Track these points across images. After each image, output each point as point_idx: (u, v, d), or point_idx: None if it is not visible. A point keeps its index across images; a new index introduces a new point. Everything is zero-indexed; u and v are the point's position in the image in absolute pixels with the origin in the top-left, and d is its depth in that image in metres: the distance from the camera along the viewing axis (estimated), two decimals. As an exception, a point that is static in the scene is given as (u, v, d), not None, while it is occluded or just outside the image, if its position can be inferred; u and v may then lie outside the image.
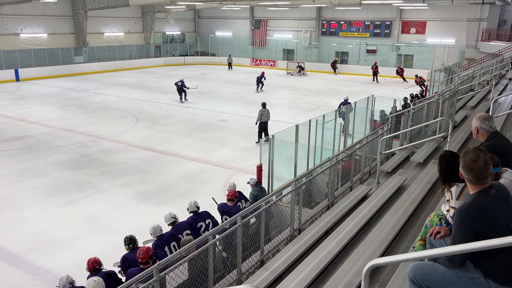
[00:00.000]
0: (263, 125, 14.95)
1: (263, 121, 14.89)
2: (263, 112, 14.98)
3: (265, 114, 15.04)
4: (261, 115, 14.92)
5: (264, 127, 15.00)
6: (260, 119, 14.88)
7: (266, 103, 15.38)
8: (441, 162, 3.21)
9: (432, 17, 32.91)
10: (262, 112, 14.96)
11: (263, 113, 14.94)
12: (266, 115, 15.07)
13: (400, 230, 4.95)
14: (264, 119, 14.96)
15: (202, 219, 6.47)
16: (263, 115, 14.94)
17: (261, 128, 14.92)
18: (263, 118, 14.91)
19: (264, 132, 14.97)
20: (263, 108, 15.06)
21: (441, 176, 3.20)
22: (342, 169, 7.63)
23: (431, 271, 2.62)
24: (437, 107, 10.17)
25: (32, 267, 7.34)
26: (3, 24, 28.58)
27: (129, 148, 14.08)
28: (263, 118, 14.91)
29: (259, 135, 14.86)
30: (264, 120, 14.97)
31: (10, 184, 10.98)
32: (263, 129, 14.95)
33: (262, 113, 14.92)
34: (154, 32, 39.03)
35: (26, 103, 21.37)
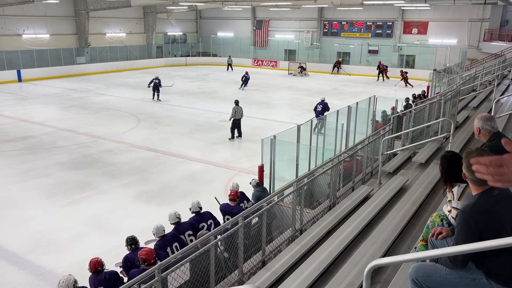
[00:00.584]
0: (237, 122, 15.16)
1: (236, 118, 15.05)
2: (237, 109, 15.08)
3: (238, 112, 15.14)
4: (235, 113, 15.03)
5: (238, 124, 15.23)
6: (234, 116, 15.01)
7: (239, 101, 15.61)
8: (443, 162, 3.21)
9: (434, 17, 32.87)
10: (236, 109, 15.07)
11: (236, 111, 15.04)
12: (239, 112, 15.18)
13: (401, 230, 4.94)
14: (237, 117, 15.12)
15: (204, 220, 6.47)
16: (237, 112, 15.05)
17: (234, 125, 15.16)
18: (236, 116, 15.04)
19: (237, 129, 15.23)
20: (236, 105, 15.20)
21: (443, 176, 3.20)
22: (344, 170, 7.62)
23: (433, 272, 2.62)
24: (439, 108, 10.14)
25: (34, 267, 7.35)
26: (5, 24, 28.65)
27: (131, 149, 14.10)
28: (236, 115, 15.04)
29: (231, 132, 15.12)
30: (238, 117, 15.13)
31: (12, 184, 11.00)
32: (236, 126, 15.18)
33: (235, 111, 15.04)
34: (156, 33, 39.07)
35: (28, 104, 21.42)
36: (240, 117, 15.17)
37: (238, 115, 15.10)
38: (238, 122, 15.20)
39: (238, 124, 15.22)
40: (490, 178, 1.41)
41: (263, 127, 16.89)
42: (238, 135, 15.28)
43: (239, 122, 15.22)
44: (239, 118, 15.16)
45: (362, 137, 10.92)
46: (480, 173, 1.43)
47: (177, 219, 6.24)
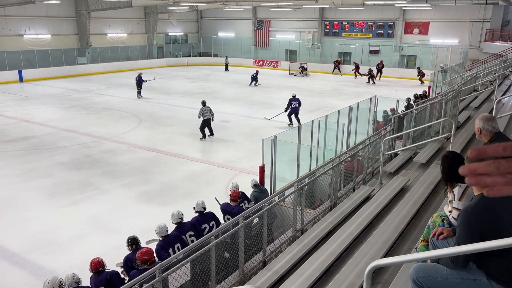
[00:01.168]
0: (206, 122, 15.15)
1: (205, 118, 15.03)
2: (204, 110, 15.00)
3: (206, 112, 15.05)
4: (202, 113, 14.96)
5: (208, 124, 15.24)
6: (202, 115, 14.98)
7: (206, 101, 15.50)
8: (444, 162, 3.20)
9: (435, 17, 32.85)
10: (203, 110, 14.99)
11: (204, 111, 14.96)
12: (207, 112, 15.08)
13: (402, 231, 4.94)
14: (206, 116, 15.06)
15: (206, 221, 6.47)
16: (204, 112, 14.97)
17: (204, 125, 15.17)
18: (205, 116, 14.99)
19: (208, 128, 15.28)
20: (203, 106, 15.12)
21: (444, 176, 3.19)
22: (345, 170, 7.63)
23: (433, 272, 2.61)
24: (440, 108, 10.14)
25: (35, 267, 7.36)
26: (6, 25, 28.71)
27: (132, 149, 14.11)
28: (204, 115, 14.99)
29: (201, 131, 15.14)
30: (207, 117, 15.08)
31: (13, 184, 11.02)
32: (206, 125, 15.20)
33: (203, 111, 14.96)
34: (157, 33, 39.11)
35: (30, 104, 21.44)
36: (209, 117, 15.12)
37: (206, 115, 15.04)
38: (208, 122, 15.22)
39: (208, 123, 15.26)
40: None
41: (264, 127, 16.89)
42: (209, 133, 15.35)
43: (209, 122, 15.24)
44: (208, 118, 15.11)
45: (363, 137, 10.92)
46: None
47: (180, 219, 6.24)
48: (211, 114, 15.22)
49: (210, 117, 15.18)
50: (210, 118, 15.20)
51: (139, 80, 22.30)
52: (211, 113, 15.19)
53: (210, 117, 15.18)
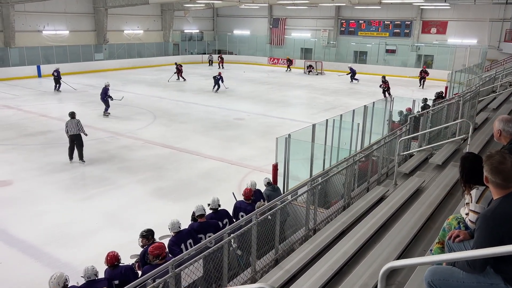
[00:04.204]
0: (71, 139, 12.05)
1: (71, 134, 12.00)
2: (69, 123, 12.07)
3: (71, 126, 12.01)
4: (66, 128, 12.09)
5: (73, 140, 12.05)
6: (66, 131, 12.09)
7: (75, 113, 12.31)
8: (464, 163, 3.14)
9: (454, 17, 32.34)
10: (67, 123, 12.09)
11: (67, 125, 12.07)
12: (72, 127, 11.99)
13: (417, 233, 4.88)
14: (72, 132, 11.98)
15: (219, 219, 6.49)
16: (68, 127, 12.04)
17: (71, 143, 12.09)
18: (71, 131, 11.98)
19: (77, 147, 12.08)
20: (71, 118, 12.13)
21: (462, 178, 3.14)
22: (359, 170, 7.57)
23: (449, 276, 2.58)
24: (457, 109, 9.99)
25: (51, 260, 7.49)
26: (26, 21, 29.18)
27: (147, 145, 14.23)
28: (69, 131, 11.99)
29: (69, 150, 12.16)
30: (72, 132, 11.97)
31: (31, 177, 11.22)
32: (73, 144, 12.06)
33: (67, 125, 12.10)
34: (173, 30, 39.32)
35: (48, 99, 21.79)
36: (75, 133, 11.95)
37: (70, 130, 11.98)
38: (73, 138, 12.03)
39: (73, 140, 12.05)
40: None
41: (278, 125, 16.88)
42: (79, 157, 12.18)
43: (75, 138, 12.03)
44: (74, 133, 11.95)
45: (378, 137, 10.83)
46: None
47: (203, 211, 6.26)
48: (79, 130, 12.07)
49: (77, 133, 12.04)
50: (77, 134, 12.06)
51: (104, 92, 18.22)
52: (78, 129, 12.05)
53: (77, 133, 12.04)
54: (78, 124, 12.12)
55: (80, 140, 12.17)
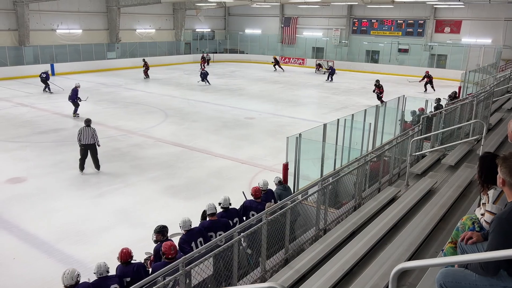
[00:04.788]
0: (84, 149, 11.19)
1: (83, 143, 11.17)
2: (83, 131, 11.21)
3: (84, 135, 11.15)
4: (79, 136, 11.20)
5: (89, 151, 11.23)
6: (79, 140, 11.21)
7: (91, 120, 11.54)
8: (484, 162, 3.09)
9: (468, 16, 31.92)
10: (81, 131, 11.24)
11: (81, 133, 11.20)
12: (87, 136, 11.14)
13: (429, 234, 4.84)
14: (84, 141, 11.14)
15: (229, 217, 6.51)
16: (81, 135, 11.17)
17: (84, 153, 11.23)
18: (82, 140, 11.15)
19: (92, 156, 11.31)
20: (86, 126, 11.32)
21: (481, 177, 3.09)
22: (370, 170, 7.52)
23: (462, 278, 2.55)
24: (470, 109, 9.87)
25: (63, 256, 7.58)
26: (40, 20, 29.56)
27: (158, 143, 14.32)
28: (83, 139, 11.13)
29: (80, 161, 11.28)
30: (85, 142, 11.14)
31: (44, 175, 11.36)
32: (90, 154, 11.29)
33: (80, 133, 11.22)
34: (185, 29, 39.48)
35: (61, 97, 22.00)
36: (89, 142, 11.14)
37: (85, 139, 11.12)
38: (86, 148, 11.20)
39: (88, 150, 11.24)
40: None
41: (289, 125, 16.85)
42: (95, 167, 11.46)
43: (91, 148, 11.25)
44: (88, 143, 11.15)
45: (390, 137, 10.74)
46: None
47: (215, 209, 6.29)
48: (95, 139, 11.28)
49: (93, 143, 11.25)
50: (93, 144, 11.28)
51: (75, 93, 17.69)
52: (93, 138, 11.26)
53: (93, 143, 11.25)
54: (94, 133, 11.27)
55: (94, 149, 11.30)
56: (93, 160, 11.40)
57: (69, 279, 4.84)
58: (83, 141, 11.19)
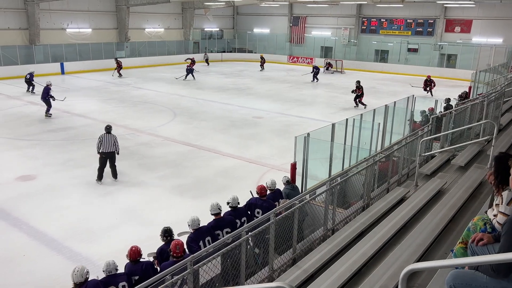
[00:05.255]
0: (104, 157, 10.65)
1: (105, 151, 10.63)
2: (104, 138, 10.65)
3: (106, 142, 10.62)
4: (100, 143, 10.63)
5: (108, 159, 10.70)
6: (99, 148, 10.64)
7: (111, 127, 11.02)
8: (500, 163, 3.04)
9: (479, 15, 31.59)
10: (101, 138, 10.67)
11: (102, 141, 10.64)
12: (108, 143, 10.62)
13: (438, 235, 4.79)
14: (105, 149, 10.60)
15: (238, 216, 6.51)
16: (102, 143, 10.61)
17: (103, 162, 10.67)
18: (103, 147, 10.60)
19: (111, 165, 10.78)
20: (106, 133, 10.74)
21: (497, 178, 3.04)
22: (379, 170, 7.47)
23: (472, 280, 2.52)
24: (481, 109, 9.76)
25: (71, 253, 7.64)
26: (51, 19, 29.80)
27: (166, 142, 14.37)
28: (103, 146, 10.59)
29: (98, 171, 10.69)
30: (106, 150, 10.60)
31: (54, 173, 11.46)
32: (109, 163, 10.74)
33: (101, 140, 10.65)
34: (193, 29, 39.56)
35: (70, 96, 22.17)
36: (109, 150, 10.63)
37: (105, 146, 10.60)
38: (109, 157, 10.71)
39: (110, 159, 10.75)
40: None
41: (297, 124, 16.82)
42: (113, 176, 10.88)
43: (111, 157, 10.75)
44: (109, 151, 10.63)
45: (399, 137, 10.67)
46: None
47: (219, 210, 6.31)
48: (115, 147, 10.79)
49: (113, 150, 10.73)
50: (113, 152, 10.76)
51: (46, 92, 17.20)
52: (114, 146, 10.76)
53: (113, 150, 10.73)
54: (116, 140, 10.77)
55: (114, 158, 10.80)
56: (112, 169, 10.84)
57: (78, 277, 4.89)
58: (103, 149, 10.59)
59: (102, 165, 10.70)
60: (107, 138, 10.68)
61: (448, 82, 28.98)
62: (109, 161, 10.78)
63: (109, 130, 10.84)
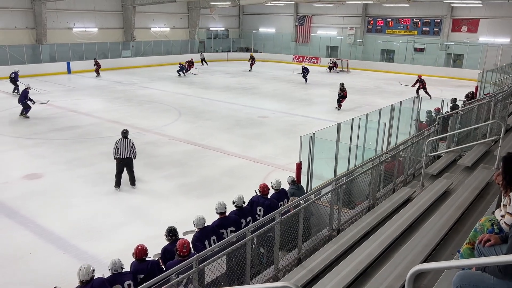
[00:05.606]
0: (121, 163, 10.21)
1: (120, 157, 10.13)
2: (119, 144, 10.15)
3: (122, 147, 10.12)
4: (117, 148, 10.14)
5: (126, 165, 10.27)
6: (116, 153, 10.16)
7: (128, 131, 10.50)
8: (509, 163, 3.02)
9: (486, 15, 31.39)
10: (118, 144, 10.17)
11: (119, 146, 10.14)
12: (125, 148, 10.13)
13: (444, 235, 4.76)
14: (121, 155, 10.10)
15: (243, 216, 6.52)
16: (119, 148, 10.11)
17: (120, 167, 10.25)
18: (119, 153, 10.11)
19: (129, 171, 10.34)
20: (123, 138, 10.25)
21: (505, 178, 3.02)
22: (385, 170, 7.45)
23: (479, 281, 2.50)
24: (488, 109, 9.70)
25: (78, 252, 7.68)
26: (57, 18, 29.96)
27: (172, 141, 14.41)
28: (119, 153, 10.11)
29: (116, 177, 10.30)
30: (122, 155, 10.11)
31: (60, 171, 11.52)
32: (126, 168, 10.31)
33: (117, 146, 10.15)
34: (199, 28, 39.61)
35: (77, 95, 22.32)
36: (127, 156, 10.15)
37: (122, 152, 10.11)
38: (127, 162, 10.27)
39: (126, 164, 10.27)
40: None
41: (302, 124, 16.80)
42: (131, 183, 10.45)
43: (129, 163, 10.30)
44: (126, 157, 10.15)
45: (405, 137, 10.63)
46: None
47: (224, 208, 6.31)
48: (132, 152, 10.30)
49: (129, 156, 10.25)
50: (130, 158, 10.28)
51: (24, 95, 16.93)
52: (131, 151, 10.27)
53: (129, 156, 10.25)
54: (133, 145, 10.30)
55: (131, 163, 10.32)
56: (129, 176, 10.36)
57: (84, 275, 4.92)
58: (120, 155, 10.09)
59: (120, 171, 10.28)
60: (124, 143, 10.19)
61: (454, 82, 28.84)
62: (126, 167, 10.32)
63: (125, 135, 10.30)
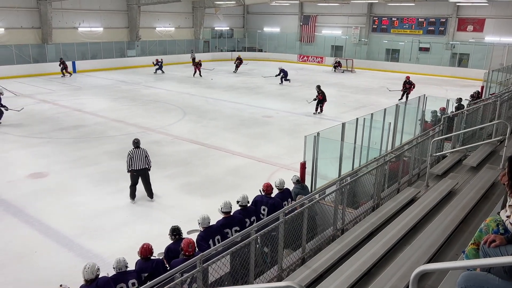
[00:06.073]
0: (135, 175, 9.59)
1: (135, 169, 9.53)
2: (132, 154, 9.52)
3: (136, 158, 9.49)
4: (130, 160, 9.50)
5: (138, 176, 9.62)
6: (130, 165, 9.54)
7: (140, 141, 9.85)
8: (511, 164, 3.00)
9: (492, 14, 31.20)
10: (131, 154, 9.53)
11: (132, 157, 9.50)
12: (139, 159, 9.50)
13: (449, 236, 4.75)
14: (135, 166, 9.49)
15: (248, 216, 6.52)
16: (133, 160, 9.48)
17: (135, 179, 9.64)
18: (133, 164, 9.50)
19: (145, 184, 9.70)
20: (135, 148, 9.62)
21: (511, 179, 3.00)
22: (390, 170, 7.42)
23: (484, 282, 2.49)
24: (493, 109, 9.65)
25: (82, 250, 7.71)
26: (63, 18, 30.10)
27: (176, 141, 14.43)
28: (133, 164, 9.50)
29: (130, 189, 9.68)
30: (137, 167, 9.50)
31: (65, 170, 11.58)
32: (137, 180, 9.65)
33: (130, 157, 9.52)
34: (204, 28, 39.66)
35: (82, 94, 22.42)
36: (141, 167, 9.53)
37: (136, 164, 9.50)
38: (142, 174, 9.62)
39: (143, 177, 9.67)
40: None
41: (306, 123, 16.77)
42: (148, 195, 9.82)
43: (144, 174, 9.64)
44: (140, 168, 9.53)
45: (410, 137, 10.59)
46: None
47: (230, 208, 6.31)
48: (147, 163, 9.67)
49: (145, 167, 9.63)
50: (145, 169, 9.65)
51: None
52: (145, 162, 9.64)
53: (145, 167, 9.63)
54: (147, 155, 9.66)
55: (147, 174, 9.65)
56: (146, 188, 9.72)
57: (89, 273, 4.94)
58: (134, 166, 9.46)
59: (134, 182, 9.65)
60: (138, 154, 9.53)
61: (460, 82, 28.71)
62: (141, 179, 9.65)
63: (137, 145, 9.65)
